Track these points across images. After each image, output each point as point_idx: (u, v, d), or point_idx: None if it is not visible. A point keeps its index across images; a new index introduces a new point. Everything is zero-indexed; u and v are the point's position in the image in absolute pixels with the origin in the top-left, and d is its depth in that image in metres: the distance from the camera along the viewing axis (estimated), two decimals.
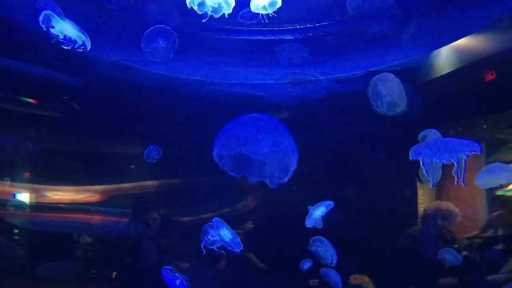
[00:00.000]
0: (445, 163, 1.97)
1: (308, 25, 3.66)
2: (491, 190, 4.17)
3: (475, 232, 4.05)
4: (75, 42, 2.47)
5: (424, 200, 4.68)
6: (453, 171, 1.93)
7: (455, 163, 1.87)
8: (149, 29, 3.13)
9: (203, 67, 4.14)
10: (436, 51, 3.90)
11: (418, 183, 4.76)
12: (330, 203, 3.53)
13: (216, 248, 3.15)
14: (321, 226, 3.65)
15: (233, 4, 2.77)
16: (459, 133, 4.18)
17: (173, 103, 4.25)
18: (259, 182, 5.26)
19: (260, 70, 4.15)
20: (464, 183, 2.03)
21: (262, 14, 2.78)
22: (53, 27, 2.39)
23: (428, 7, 3.32)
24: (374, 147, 4.60)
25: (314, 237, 3.76)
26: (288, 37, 3.76)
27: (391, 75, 3.04)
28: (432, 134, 3.25)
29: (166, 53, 3.17)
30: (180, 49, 3.59)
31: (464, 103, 3.87)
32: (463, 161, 2.00)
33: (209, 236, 3.11)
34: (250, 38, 3.79)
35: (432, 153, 1.96)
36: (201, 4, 2.72)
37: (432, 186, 2.19)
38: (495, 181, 2.92)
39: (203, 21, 2.78)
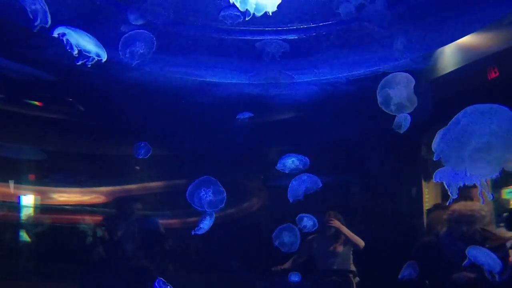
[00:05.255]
0: (466, 184, 2.02)
1: (305, 26, 3.63)
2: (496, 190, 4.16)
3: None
4: (90, 55, 2.40)
5: (430, 198, 4.67)
6: (478, 193, 2.00)
7: (478, 185, 1.92)
8: (128, 34, 3.03)
9: (203, 68, 4.14)
10: (439, 50, 3.89)
11: (423, 182, 4.74)
12: (306, 160, 3.46)
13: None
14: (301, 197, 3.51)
15: (278, 1, 2.57)
16: None
17: (175, 104, 4.26)
18: (264, 183, 5.28)
19: (246, 70, 4.13)
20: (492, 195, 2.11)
21: (250, 13, 2.55)
22: (68, 42, 2.30)
23: (429, 6, 3.30)
24: (379, 146, 4.58)
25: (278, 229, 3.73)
26: (284, 37, 3.70)
27: (400, 75, 2.99)
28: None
29: (144, 58, 3.08)
30: (181, 49, 3.58)
31: (467, 101, 3.83)
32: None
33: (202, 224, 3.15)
34: (239, 38, 3.71)
35: (456, 176, 2.00)
36: (243, 1, 2.53)
37: (449, 204, 2.23)
38: None
39: (246, 19, 2.62)
